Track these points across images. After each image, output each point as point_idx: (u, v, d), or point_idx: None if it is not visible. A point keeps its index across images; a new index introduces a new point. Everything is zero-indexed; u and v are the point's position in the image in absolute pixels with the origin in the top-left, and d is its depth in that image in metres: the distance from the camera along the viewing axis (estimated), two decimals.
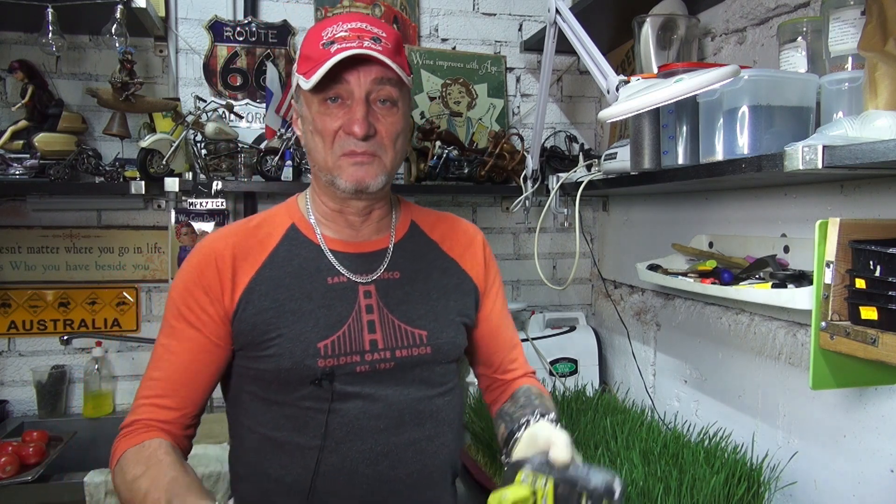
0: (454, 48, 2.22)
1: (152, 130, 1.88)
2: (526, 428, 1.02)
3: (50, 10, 1.64)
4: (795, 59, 1.23)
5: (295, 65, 1.04)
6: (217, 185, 1.84)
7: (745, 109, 1.15)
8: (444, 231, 1.18)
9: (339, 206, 1.06)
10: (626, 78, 1.22)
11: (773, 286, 1.22)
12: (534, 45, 2.16)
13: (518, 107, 2.29)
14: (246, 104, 2.05)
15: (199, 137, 1.88)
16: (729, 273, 1.36)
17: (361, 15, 1.03)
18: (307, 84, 0.97)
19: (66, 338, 1.92)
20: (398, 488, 1.02)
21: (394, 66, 0.96)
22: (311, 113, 1.01)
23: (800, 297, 1.14)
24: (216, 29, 2.02)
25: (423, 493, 1.05)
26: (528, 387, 1.18)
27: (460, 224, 1.21)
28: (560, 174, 1.94)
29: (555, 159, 2.10)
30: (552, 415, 1.07)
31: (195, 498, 0.86)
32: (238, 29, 2.03)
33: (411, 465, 1.03)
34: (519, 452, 0.99)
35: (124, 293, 2.03)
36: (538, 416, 1.04)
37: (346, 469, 1.00)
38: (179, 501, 0.85)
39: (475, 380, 2.02)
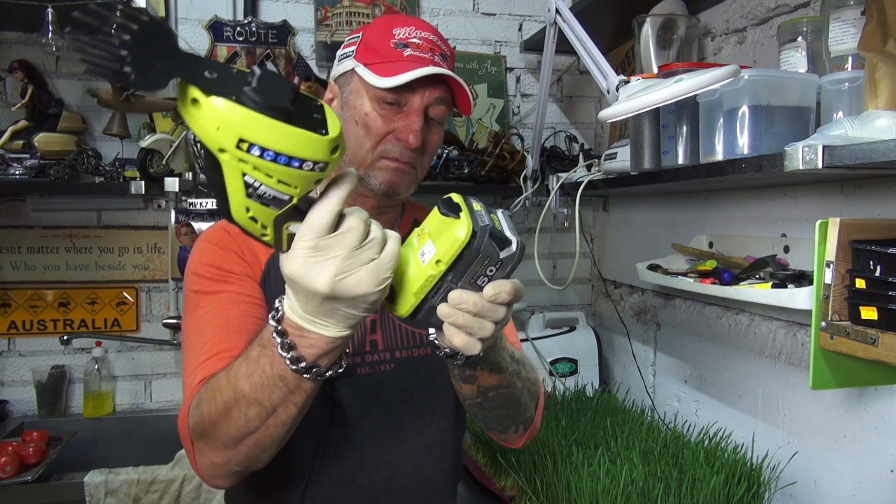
0: (454, 48, 2.22)
1: (152, 130, 1.88)
2: None
3: (50, 10, 1.64)
4: (795, 59, 1.23)
5: (351, 48, 1.01)
6: None
7: (745, 109, 1.15)
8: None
9: (357, 199, 1.03)
10: (626, 78, 1.22)
11: (773, 286, 1.22)
12: (534, 45, 2.15)
13: (518, 107, 2.29)
14: None
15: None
16: (729, 273, 1.36)
17: (429, 25, 1.02)
18: (380, 82, 0.94)
19: (66, 338, 1.92)
20: (397, 499, 1.00)
21: (467, 89, 0.97)
22: (363, 105, 0.98)
23: (800, 297, 1.14)
24: (216, 29, 2.02)
25: None
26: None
27: None
28: (560, 174, 1.94)
29: (555, 159, 2.10)
30: None
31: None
32: (238, 29, 2.03)
33: (410, 475, 1.01)
34: None
35: (124, 293, 2.03)
36: None
37: (343, 479, 0.97)
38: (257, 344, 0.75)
39: None
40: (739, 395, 1.54)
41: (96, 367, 1.95)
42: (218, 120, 0.56)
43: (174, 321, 1.98)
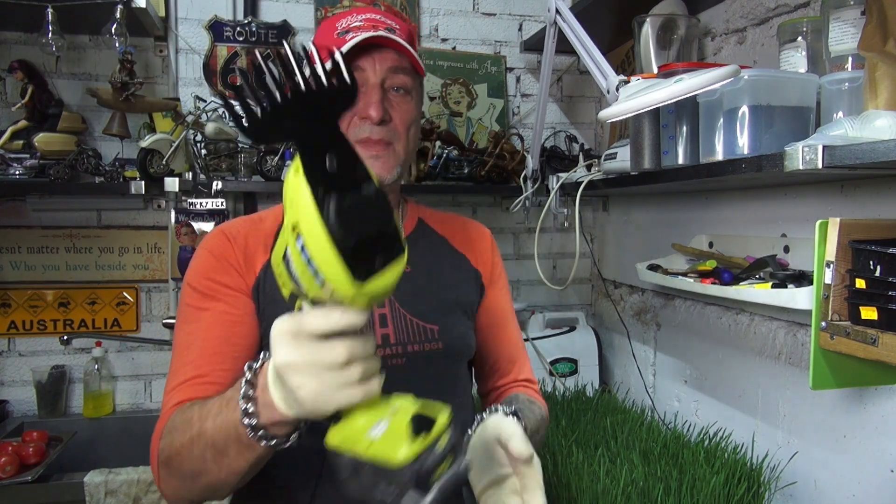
0: (454, 48, 2.22)
1: (152, 130, 1.87)
2: (479, 424, 0.92)
3: (50, 10, 1.64)
4: (795, 59, 1.23)
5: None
6: (217, 185, 1.84)
7: (745, 109, 1.15)
8: (453, 228, 1.17)
9: None
10: (626, 78, 1.22)
11: (773, 286, 1.22)
12: (534, 45, 2.15)
13: (518, 107, 2.29)
14: None
15: (199, 137, 1.88)
16: (729, 273, 1.36)
17: (376, 8, 1.05)
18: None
19: (66, 338, 1.92)
20: None
21: (408, 47, 0.97)
22: None
23: (800, 297, 1.14)
24: (216, 29, 2.02)
25: None
26: (519, 393, 1.12)
27: (470, 222, 1.21)
28: (560, 174, 1.94)
29: (555, 159, 2.10)
30: (511, 407, 0.94)
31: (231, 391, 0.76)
32: (238, 29, 2.03)
33: None
34: (471, 453, 0.91)
35: (124, 293, 2.03)
36: (492, 410, 0.93)
37: None
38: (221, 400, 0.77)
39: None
40: (739, 395, 1.54)
41: (96, 367, 1.95)
42: (293, 197, 0.57)
43: (174, 321, 1.98)
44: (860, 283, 0.99)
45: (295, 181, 0.57)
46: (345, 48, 0.94)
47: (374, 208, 0.58)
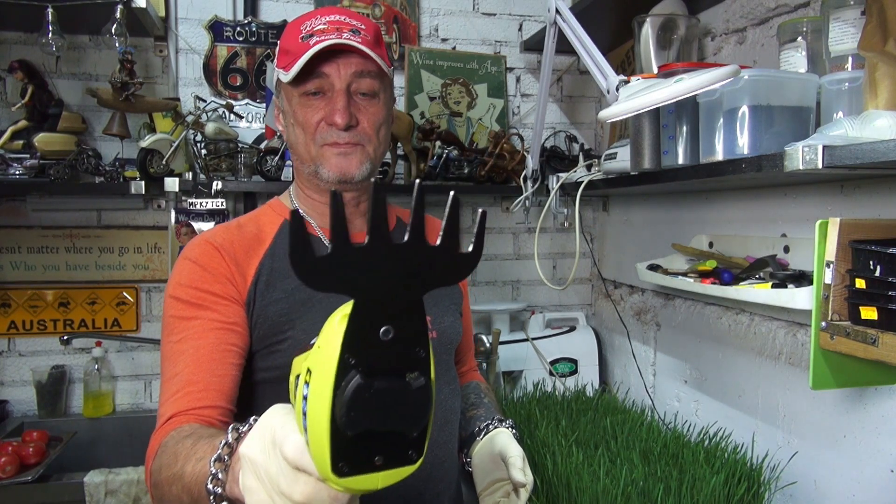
0: (454, 48, 2.22)
1: (152, 130, 1.87)
2: (486, 434, 1.11)
3: (50, 10, 1.64)
4: (795, 59, 1.23)
5: (275, 60, 1.05)
6: (217, 185, 1.84)
7: (745, 109, 1.15)
8: (428, 230, 1.19)
9: (326, 198, 1.07)
10: (626, 78, 1.22)
11: (773, 286, 1.22)
12: (534, 45, 2.15)
13: (518, 107, 2.29)
14: (246, 104, 2.05)
15: (199, 137, 1.88)
16: (729, 273, 1.36)
17: (341, 8, 1.05)
18: (286, 77, 0.99)
19: (66, 338, 1.92)
20: (415, 483, 1.02)
21: (374, 56, 0.98)
22: (292, 106, 1.02)
23: (800, 297, 1.14)
24: (216, 29, 2.02)
25: (437, 485, 1.06)
26: (477, 383, 1.28)
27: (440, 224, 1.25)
28: (560, 174, 1.94)
29: (555, 159, 2.10)
30: (510, 421, 1.14)
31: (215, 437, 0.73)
32: (238, 29, 2.03)
33: (427, 456, 1.03)
34: (477, 457, 1.08)
35: (124, 293, 2.03)
36: (497, 423, 1.12)
37: None
38: (204, 443, 0.75)
39: None
40: (739, 395, 1.53)
41: (96, 367, 1.95)
42: (325, 342, 0.47)
43: None
44: (860, 283, 0.99)
45: (337, 329, 0.46)
46: (305, 57, 0.95)
47: (404, 405, 0.48)
